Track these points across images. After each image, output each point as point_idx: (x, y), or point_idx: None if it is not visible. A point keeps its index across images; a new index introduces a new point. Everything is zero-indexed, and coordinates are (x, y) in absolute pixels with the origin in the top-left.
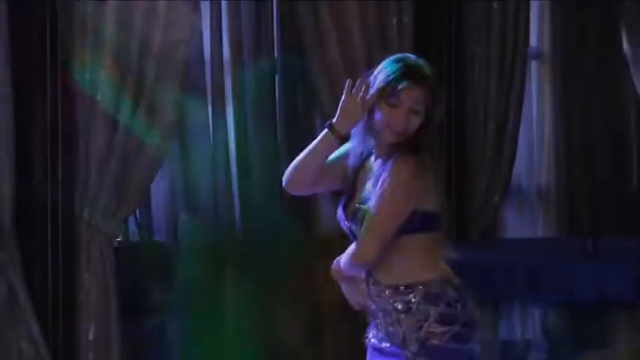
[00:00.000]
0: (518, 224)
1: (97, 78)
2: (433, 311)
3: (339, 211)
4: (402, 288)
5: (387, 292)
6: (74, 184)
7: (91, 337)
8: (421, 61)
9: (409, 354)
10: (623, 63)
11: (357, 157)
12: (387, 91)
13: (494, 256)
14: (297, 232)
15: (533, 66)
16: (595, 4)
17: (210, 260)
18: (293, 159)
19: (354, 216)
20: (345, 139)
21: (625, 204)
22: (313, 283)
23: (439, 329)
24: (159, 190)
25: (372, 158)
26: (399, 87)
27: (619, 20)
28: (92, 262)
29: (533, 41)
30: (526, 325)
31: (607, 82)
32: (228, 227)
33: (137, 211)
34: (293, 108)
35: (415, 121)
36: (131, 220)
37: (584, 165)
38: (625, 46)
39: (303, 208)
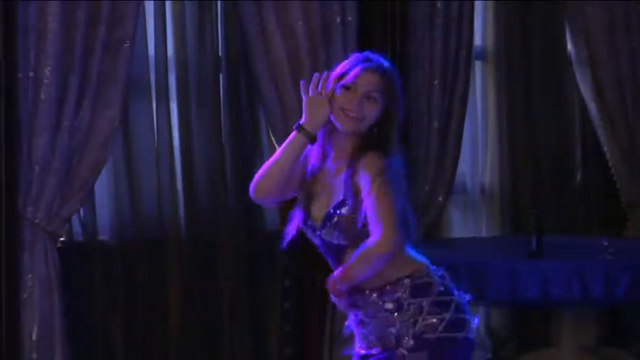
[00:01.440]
0: (462, 224)
1: (40, 76)
2: (425, 303)
3: (301, 218)
4: (388, 287)
5: (373, 296)
6: (17, 183)
7: (34, 337)
8: (381, 57)
9: (404, 351)
10: (567, 63)
11: (319, 158)
12: (344, 76)
13: (438, 255)
14: (242, 232)
15: (477, 65)
16: (539, 4)
17: (154, 259)
18: (237, 158)
19: (327, 221)
20: (315, 139)
21: (569, 203)
22: (256, 281)
23: (432, 320)
24: (103, 189)
25: (330, 161)
26: (354, 70)
27: (563, 20)
28: (35, 261)
29: (477, 41)
30: None
31: (551, 82)
32: (171, 226)
33: (81, 210)
34: (237, 107)
35: (370, 108)
36: (75, 219)
37: (528, 164)
38: (569, 45)
39: (247, 207)
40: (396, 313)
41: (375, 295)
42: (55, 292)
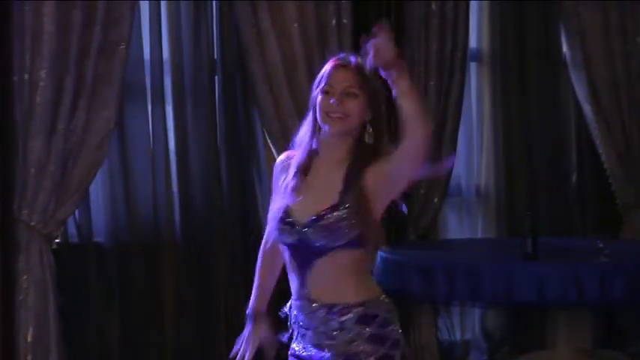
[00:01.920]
0: (458, 226)
1: (35, 79)
2: (365, 331)
3: (279, 214)
4: (337, 308)
5: (321, 312)
6: (12, 186)
7: (29, 339)
8: (352, 55)
9: None
10: (563, 65)
11: (306, 161)
12: (320, 82)
13: (434, 257)
14: (237, 234)
15: (473, 67)
16: (534, 6)
17: (149, 262)
18: (233, 160)
19: (317, 221)
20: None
21: (564, 205)
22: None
23: (369, 348)
24: (98, 191)
25: (319, 161)
26: (327, 72)
27: (558, 22)
28: (31, 263)
29: (472, 42)
30: (466, 325)
31: (546, 84)
32: (167, 228)
33: (76, 212)
34: (233, 109)
35: (352, 104)
36: (70, 221)
37: (524, 166)
38: (564, 47)
39: (242, 210)
40: (336, 332)
41: (322, 311)
42: (50, 294)
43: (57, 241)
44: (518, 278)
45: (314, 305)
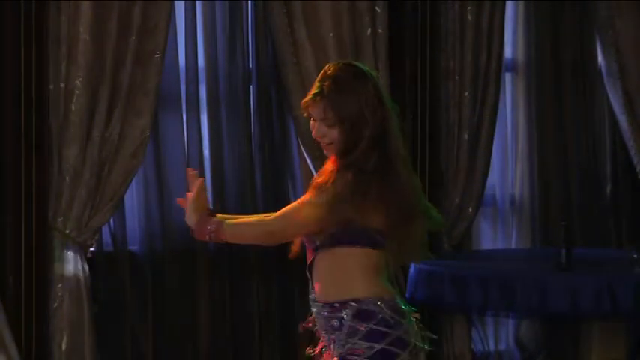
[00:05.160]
0: (492, 236)
1: (71, 87)
2: (362, 328)
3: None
4: (336, 305)
5: (324, 311)
6: (48, 194)
7: (64, 347)
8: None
9: None
10: (598, 75)
11: None
12: None
13: (468, 267)
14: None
15: (507, 77)
16: (569, 16)
17: (183, 270)
18: (267, 169)
19: None
20: None
21: (599, 215)
22: (287, 292)
23: (364, 345)
24: (133, 199)
25: None
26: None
27: (593, 32)
28: (65, 271)
29: (507, 53)
30: (499, 336)
31: (581, 95)
32: None
33: (111, 221)
34: (268, 118)
35: (330, 133)
36: (105, 229)
37: (558, 176)
38: (599, 58)
39: None
40: (338, 331)
41: (326, 311)
42: (85, 302)
43: (92, 249)
44: (552, 289)
45: (318, 304)
